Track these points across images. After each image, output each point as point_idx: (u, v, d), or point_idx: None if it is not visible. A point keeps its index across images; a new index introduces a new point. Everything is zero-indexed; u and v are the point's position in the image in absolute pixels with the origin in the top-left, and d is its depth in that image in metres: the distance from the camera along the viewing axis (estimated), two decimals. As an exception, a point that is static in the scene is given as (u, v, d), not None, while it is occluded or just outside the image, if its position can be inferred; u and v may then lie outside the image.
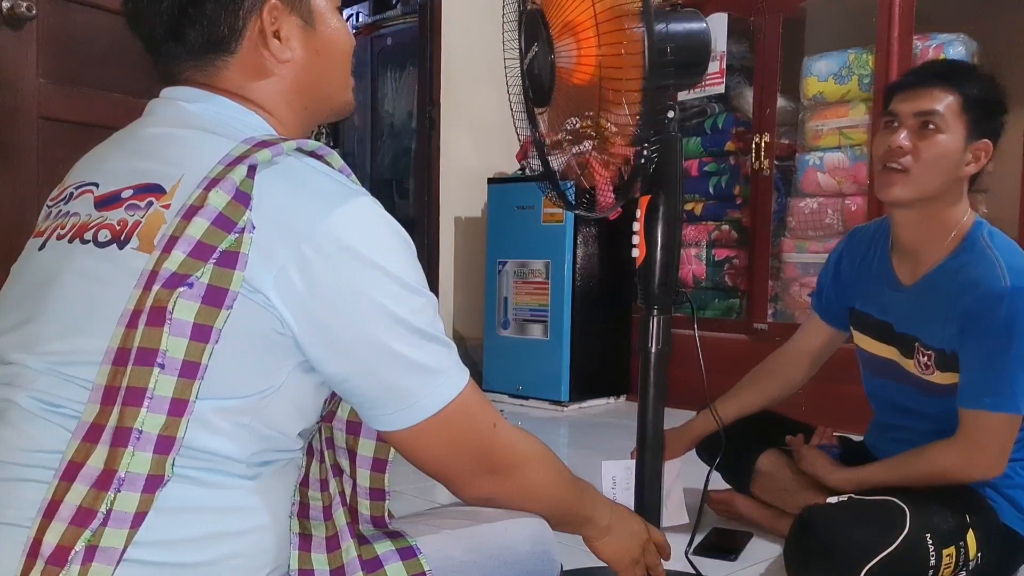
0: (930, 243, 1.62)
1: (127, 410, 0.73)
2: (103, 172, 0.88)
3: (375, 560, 0.88)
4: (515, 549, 0.98)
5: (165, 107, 0.92)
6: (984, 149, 1.57)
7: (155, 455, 0.74)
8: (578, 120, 1.36)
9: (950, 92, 1.55)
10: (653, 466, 1.39)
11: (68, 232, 0.84)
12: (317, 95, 0.96)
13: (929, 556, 1.46)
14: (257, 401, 0.80)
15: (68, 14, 2.22)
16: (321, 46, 0.94)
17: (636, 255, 1.38)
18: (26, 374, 0.80)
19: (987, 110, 1.57)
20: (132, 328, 0.75)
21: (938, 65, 1.68)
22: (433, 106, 3.80)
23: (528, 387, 3.61)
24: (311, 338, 0.80)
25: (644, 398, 1.41)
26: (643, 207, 1.37)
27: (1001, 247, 1.55)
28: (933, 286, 1.61)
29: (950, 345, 1.56)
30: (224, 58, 0.90)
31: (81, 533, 0.71)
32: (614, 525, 1.13)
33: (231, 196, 0.78)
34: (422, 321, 0.84)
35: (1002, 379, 1.49)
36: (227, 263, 0.76)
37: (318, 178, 0.83)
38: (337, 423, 0.94)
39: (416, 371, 0.85)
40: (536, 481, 1.01)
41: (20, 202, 2.13)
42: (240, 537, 0.81)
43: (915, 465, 1.59)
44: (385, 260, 0.82)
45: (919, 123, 1.56)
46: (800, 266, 3.33)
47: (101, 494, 0.72)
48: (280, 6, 0.90)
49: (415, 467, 0.93)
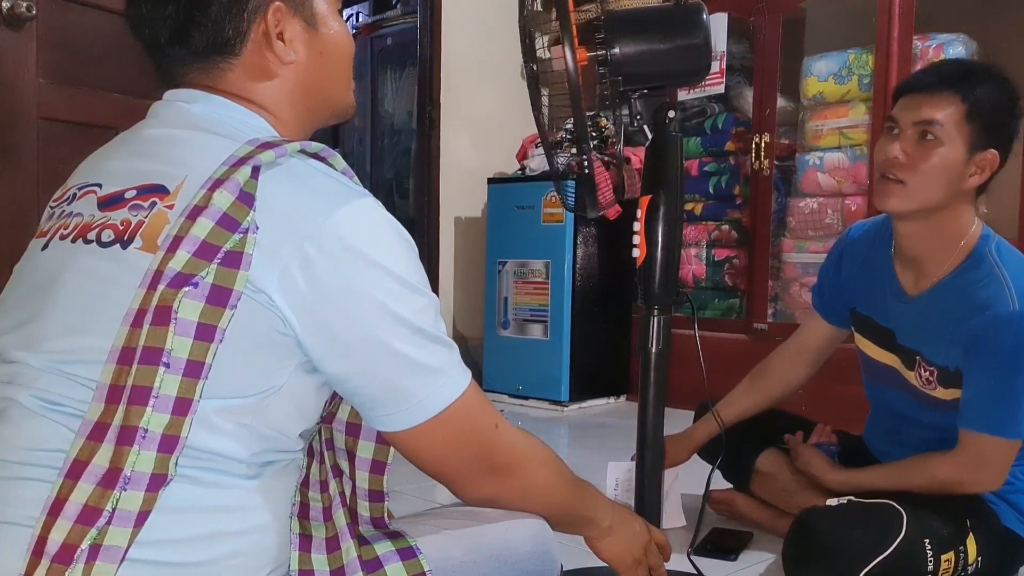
0: (934, 254, 1.56)
1: (132, 409, 0.74)
2: (106, 173, 0.88)
3: (375, 560, 0.88)
4: (515, 549, 0.98)
5: (168, 109, 0.92)
6: (990, 160, 1.50)
7: (159, 454, 0.74)
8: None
9: (956, 99, 1.47)
10: (653, 467, 1.39)
11: (71, 232, 0.84)
12: (319, 97, 0.97)
13: (927, 560, 1.46)
14: (259, 401, 0.80)
15: (68, 14, 2.22)
16: (324, 48, 0.95)
17: (636, 255, 1.37)
18: (27, 372, 0.80)
19: (996, 119, 1.49)
20: (137, 327, 0.75)
21: (949, 67, 1.58)
22: (433, 106, 3.80)
23: (528, 387, 3.61)
24: (313, 337, 0.80)
25: (644, 398, 1.40)
26: (643, 207, 1.37)
27: (1010, 266, 1.49)
28: (939, 301, 1.56)
29: (954, 364, 1.53)
30: (228, 60, 0.91)
31: (87, 531, 0.72)
32: (616, 526, 1.13)
33: (235, 196, 0.78)
34: (424, 321, 0.85)
35: (1006, 406, 1.47)
36: (231, 263, 0.77)
37: (321, 179, 0.83)
38: (337, 424, 0.94)
39: (417, 371, 0.85)
40: (537, 482, 1.01)
41: (20, 202, 2.13)
42: (240, 537, 0.81)
43: (914, 475, 1.58)
44: (387, 260, 0.82)
45: (918, 132, 1.50)
46: (800, 266, 3.32)
47: (107, 492, 0.72)
48: (284, 8, 0.91)
49: (417, 468, 0.93)
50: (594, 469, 1.70)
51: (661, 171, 1.35)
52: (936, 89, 1.49)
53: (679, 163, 1.37)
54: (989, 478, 1.52)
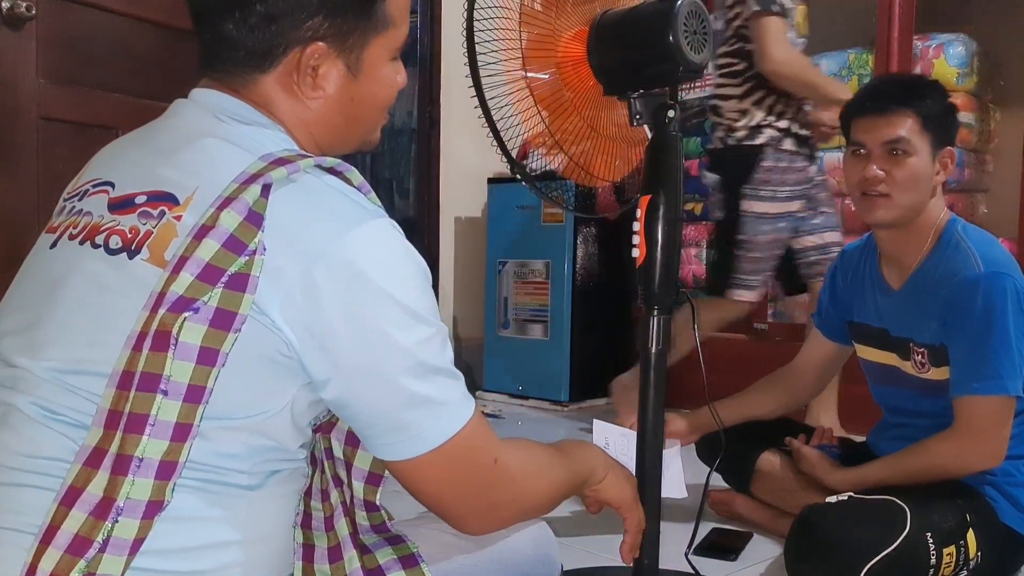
0: (911, 246, 1.68)
1: (128, 437, 0.73)
2: (120, 172, 0.87)
3: (377, 569, 0.88)
4: (516, 552, 0.98)
5: (189, 110, 0.90)
6: (949, 156, 1.65)
7: (156, 481, 0.73)
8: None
9: (909, 114, 1.61)
10: (653, 466, 1.39)
11: (80, 232, 0.84)
12: (340, 133, 0.94)
13: (930, 555, 1.47)
14: (261, 421, 0.80)
15: (68, 14, 2.21)
16: (357, 95, 0.92)
17: (636, 255, 1.37)
18: (29, 379, 0.79)
19: (944, 121, 1.65)
20: (137, 351, 0.74)
21: (891, 87, 1.74)
22: (433, 106, 3.80)
23: (528, 387, 3.61)
24: (315, 362, 0.79)
25: (644, 398, 1.40)
26: (643, 207, 1.37)
27: (974, 239, 1.61)
28: (917, 286, 1.66)
29: (938, 339, 1.60)
30: (256, 74, 0.88)
31: (76, 563, 0.71)
32: (609, 470, 1.14)
33: (243, 217, 0.76)
34: (428, 352, 0.82)
35: (987, 362, 1.52)
36: (237, 286, 0.75)
37: (334, 198, 0.82)
38: (336, 434, 0.93)
39: (418, 404, 0.82)
40: (536, 497, 0.99)
41: (20, 202, 2.13)
42: (242, 546, 0.81)
43: (914, 460, 1.60)
44: (395, 287, 0.80)
45: (887, 150, 1.62)
46: (800, 266, 3.32)
47: (99, 523, 0.72)
48: (326, 50, 0.87)
49: (415, 499, 0.91)
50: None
51: (661, 171, 1.35)
52: (890, 109, 1.63)
53: (679, 163, 1.37)
54: (987, 448, 1.54)
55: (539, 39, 1.36)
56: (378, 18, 0.90)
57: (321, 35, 0.87)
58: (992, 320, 1.51)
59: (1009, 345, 1.51)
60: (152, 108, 0.98)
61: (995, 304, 1.51)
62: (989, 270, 1.54)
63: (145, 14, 2.31)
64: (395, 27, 0.92)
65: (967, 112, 3.08)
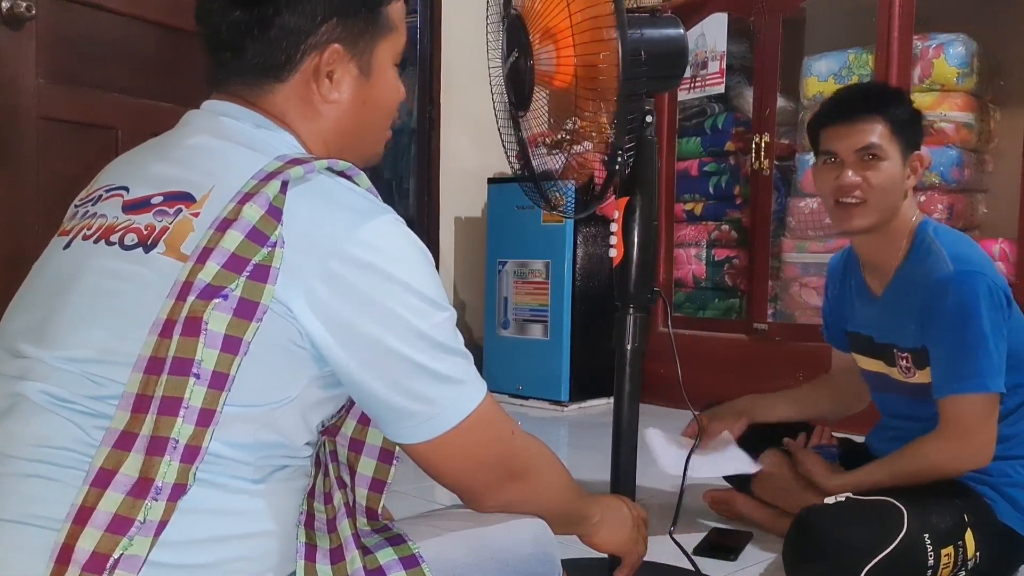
0: (887, 251, 1.69)
1: (162, 419, 0.74)
2: (134, 177, 0.89)
3: (378, 570, 0.88)
4: (517, 551, 0.99)
5: (202, 119, 0.93)
6: (919, 160, 1.67)
7: (182, 464, 0.75)
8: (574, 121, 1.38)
9: (878, 120, 1.63)
10: (628, 459, 1.43)
11: (94, 233, 0.85)
12: (351, 140, 0.98)
13: (928, 556, 1.47)
14: (270, 411, 0.81)
15: (68, 14, 2.21)
16: (369, 97, 0.97)
17: (613, 255, 1.42)
18: (39, 368, 0.80)
19: (911, 126, 1.66)
20: (166, 337, 0.76)
21: (858, 95, 1.75)
22: (433, 106, 3.80)
23: (528, 387, 3.61)
24: (339, 350, 0.81)
25: (619, 394, 1.45)
26: (621, 208, 1.41)
27: (944, 239, 1.62)
28: (897, 291, 1.68)
29: (919, 342, 1.61)
30: (274, 83, 0.92)
31: (118, 541, 0.72)
32: (605, 516, 1.16)
33: (264, 210, 0.79)
34: (443, 334, 0.87)
35: (965, 362, 1.53)
36: (259, 277, 0.78)
37: (347, 195, 0.85)
38: (340, 439, 0.95)
39: (438, 382, 0.86)
40: (549, 483, 1.04)
41: (19, 202, 2.13)
42: (244, 541, 0.81)
43: (906, 463, 1.61)
44: (408, 276, 0.84)
45: (859, 157, 1.63)
46: (800, 266, 3.32)
47: (138, 502, 0.73)
48: (342, 51, 0.92)
49: (437, 481, 0.94)
50: (594, 469, 1.71)
51: (638, 174, 1.39)
52: (859, 117, 1.64)
53: (655, 166, 1.40)
54: (974, 446, 1.55)
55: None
56: (383, 21, 0.96)
57: (336, 37, 0.92)
58: (966, 319, 1.52)
59: (986, 343, 1.51)
60: (152, 108, 0.99)
61: (968, 303, 1.52)
62: (959, 269, 1.54)
63: (145, 14, 2.32)
64: (397, 32, 0.98)
65: (967, 112, 3.08)
